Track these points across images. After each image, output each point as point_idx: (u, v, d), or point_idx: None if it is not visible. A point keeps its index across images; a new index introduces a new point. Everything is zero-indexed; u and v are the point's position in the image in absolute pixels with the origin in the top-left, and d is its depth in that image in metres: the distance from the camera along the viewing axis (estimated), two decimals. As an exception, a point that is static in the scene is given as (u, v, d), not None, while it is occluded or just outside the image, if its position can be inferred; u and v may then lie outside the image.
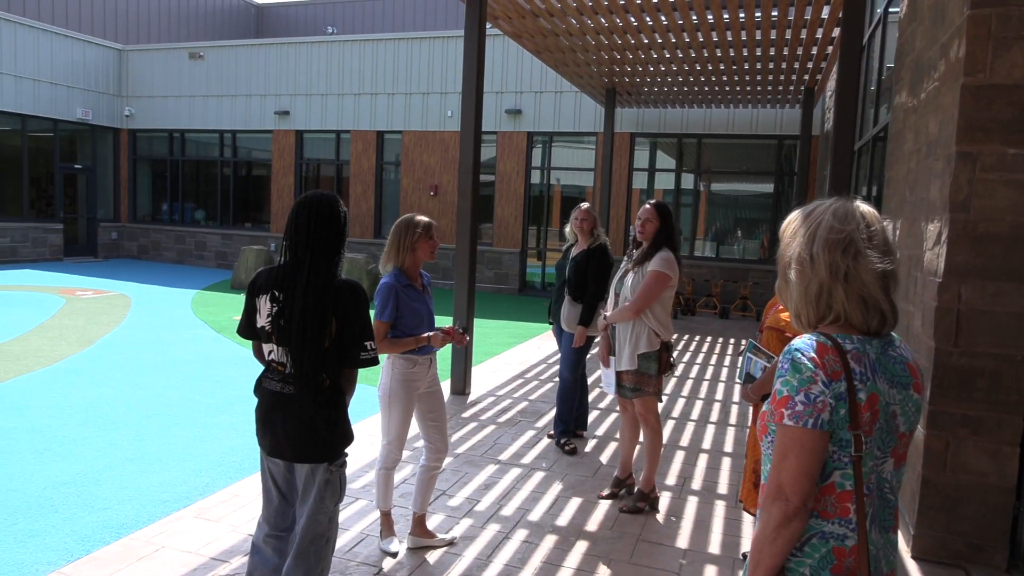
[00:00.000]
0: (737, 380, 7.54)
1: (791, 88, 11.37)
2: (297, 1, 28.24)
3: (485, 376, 7.36)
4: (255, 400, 2.57)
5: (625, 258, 4.31)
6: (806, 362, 1.37)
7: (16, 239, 16.48)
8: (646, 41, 9.11)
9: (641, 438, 4.28)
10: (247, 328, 2.56)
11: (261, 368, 2.60)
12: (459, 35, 15.33)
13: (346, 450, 2.58)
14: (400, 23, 25.67)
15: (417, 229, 3.43)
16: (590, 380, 6.23)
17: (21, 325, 8.97)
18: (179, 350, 8.06)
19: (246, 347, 8.34)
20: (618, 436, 5.13)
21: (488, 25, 7.69)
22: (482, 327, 10.21)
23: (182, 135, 18.53)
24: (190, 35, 25.33)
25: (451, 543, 3.67)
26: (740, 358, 3.88)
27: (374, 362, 2.52)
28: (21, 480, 4.27)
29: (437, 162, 15.67)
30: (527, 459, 4.97)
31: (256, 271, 2.56)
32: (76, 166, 18.21)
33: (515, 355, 8.63)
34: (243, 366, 7.42)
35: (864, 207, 1.48)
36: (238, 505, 3.99)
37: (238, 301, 12.16)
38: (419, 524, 3.62)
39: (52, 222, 17.37)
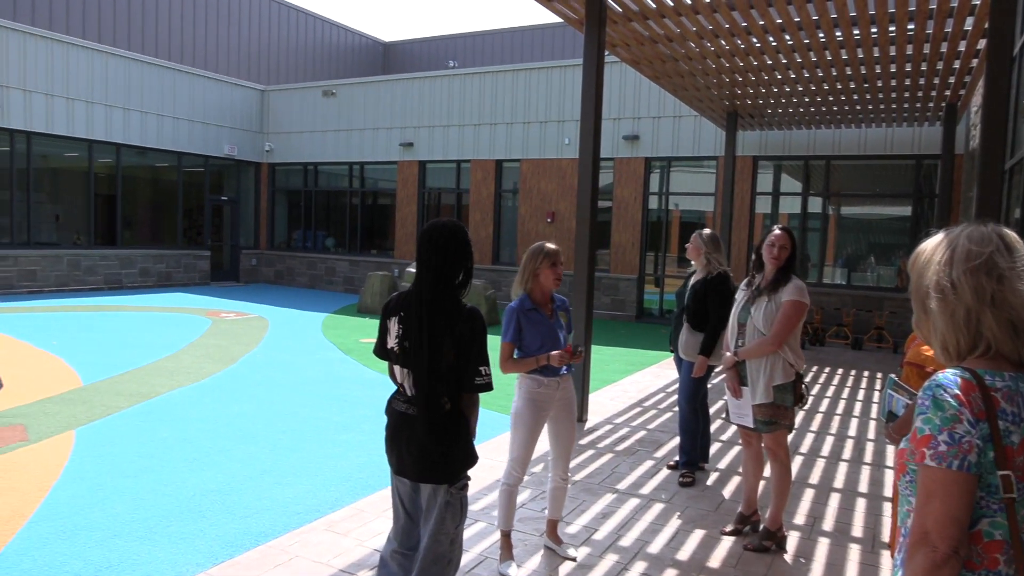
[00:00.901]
0: (878, 417, 7.08)
1: (930, 104, 10.68)
2: (421, 38, 29.58)
3: (602, 403, 7.31)
4: (381, 419, 2.70)
5: (743, 285, 4.16)
6: (949, 399, 1.29)
7: (171, 265, 18.07)
8: (770, 62, 8.86)
9: (767, 473, 4.10)
10: (381, 349, 2.70)
11: (389, 389, 2.73)
12: (576, 64, 15.52)
13: (468, 472, 2.64)
14: (519, 55, 26.31)
15: (540, 256, 3.56)
16: (711, 410, 6.04)
17: (174, 344, 9.80)
18: (310, 370, 8.53)
19: (372, 368, 8.71)
20: (741, 470, 4.94)
21: (606, 52, 7.75)
22: (599, 354, 10.16)
23: (315, 168, 19.75)
24: (324, 74, 27.07)
25: (573, 560, 3.75)
26: (880, 395, 3.67)
27: (488, 387, 2.58)
28: (175, 486, 4.66)
29: (554, 189, 15.84)
30: (646, 489, 4.89)
31: (391, 294, 2.70)
32: (222, 198, 19.82)
33: (632, 383, 8.52)
34: (368, 386, 7.75)
35: (1002, 229, 1.39)
36: (364, 520, 4.16)
37: (364, 324, 12.74)
38: (550, 528, 3.83)
39: (201, 249, 18.94)
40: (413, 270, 14.12)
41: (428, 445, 2.53)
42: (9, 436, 5.50)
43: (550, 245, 3.62)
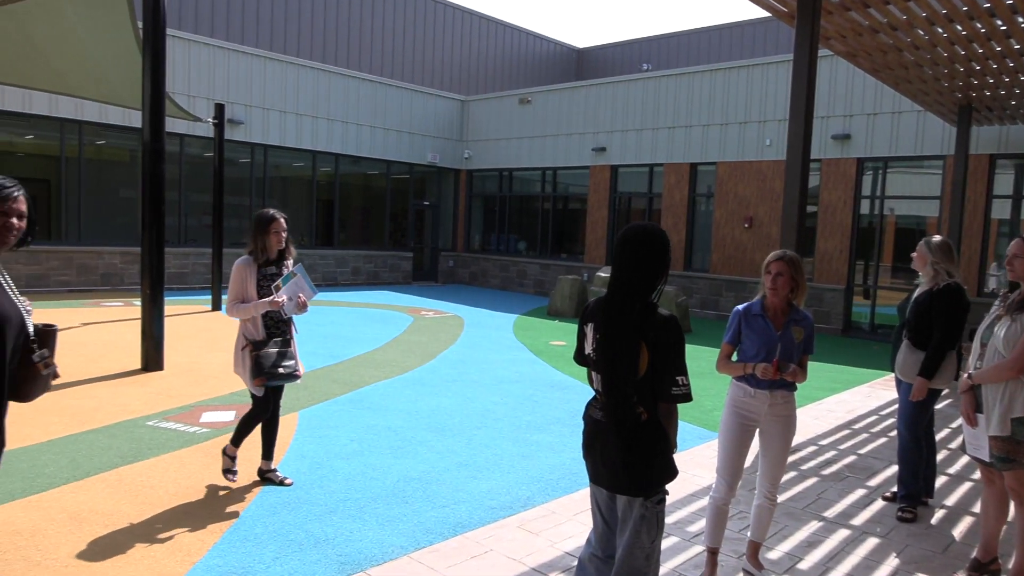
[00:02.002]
0: None
1: None
2: (614, 42, 29.55)
3: (805, 423, 6.81)
4: (571, 422, 2.70)
5: (997, 302, 3.66)
6: None
7: (379, 265, 19.57)
8: (1017, 47, 7.77)
9: (1011, 517, 3.58)
10: (580, 354, 2.69)
11: (579, 393, 2.71)
12: (779, 60, 14.67)
13: (666, 487, 2.54)
14: (715, 54, 25.40)
15: (769, 262, 3.51)
16: (938, 437, 5.40)
17: (381, 338, 10.57)
18: (503, 369, 8.80)
19: (562, 371, 8.81)
20: (977, 509, 4.36)
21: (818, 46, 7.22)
22: (799, 368, 9.48)
23: (510, 173, 20.42)
24: (520, 82, 27.94)
25: None
26: None
27: (686, 398, 2.46)
28: (380, 471, 5.00)
29: (752, 193, 15.09)
30: (857, 520, 4.47)
31: (586, 299, 2.68)
32: (425, 203, 21.14)
33: (839, 402, 7.86)
34: (558, 389, 7.84)
35: None
36: (556, 522, 4.20)
37: (553, 327, 12.93)
38: (751, 550, 3.62)
39: (404, 251, 20.32)
40: (603, 274, 14.16)
41: (621, 456, 2.46)
42: (246, 413, 6.21)
43: (789, 254, 3.47)
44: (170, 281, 14.09)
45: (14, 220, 2.42)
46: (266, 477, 4.67)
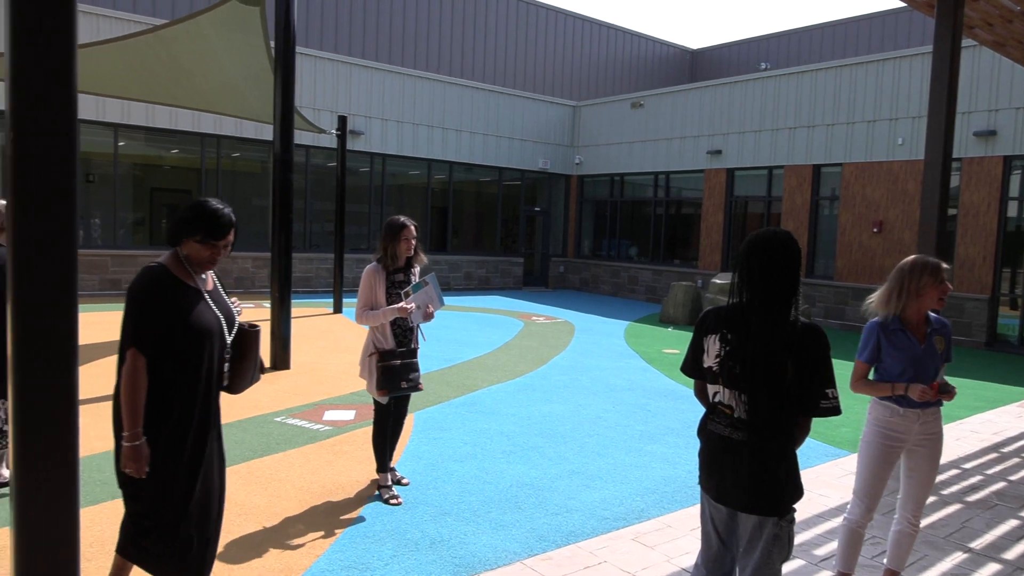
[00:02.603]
0: None
1: None
2: (730, 42, 28.65)
3: (945, 443, 6.28)
4: (685, 433, 2.61)
5: None
6: None
7: (490, 270, 19.87)
8: None
9: None
10: (692, 366, 2.58)
11: (694, 403, 2.60)
12: (913, 54, 13.72)
13: (795, 505, 2.44)
14: (840, 50, 24.10)
15: (924, 274, 3.15)
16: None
17: (493, 342, 10.70)
18: (614, 376, 8.69)
19: (676, 380, 8.59)
20: None
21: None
22: (937, 384, 8.80)
23: (621, 178, 20.20)
24: (631, 86, 27.62)
25: None
26: None
27: (835, 411, 2.35)
28: (494, 475, 5.04)
29: (882, 195, 14.17)
30: (1010, 554, 4.07)
31: (705, 310, 2.57)
32: (535, 209, 21.27)
33: (984, 422, 7.22)
34: (672, 398, 7.65)
35: None
36: (672, 536, 4.08)
37: (666, 335, 12.65)
38: None
39: (515, 256, 20.53)
40: (719, 280, 13.72)
41: (760, 473, 2.36)
42: (369, 414, 6.44)
43: (930, 259, 3.18)
44: (295, 285, 14.88)
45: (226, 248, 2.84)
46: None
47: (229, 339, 2.88)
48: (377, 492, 4.58)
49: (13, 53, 1.95)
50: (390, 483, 4.57)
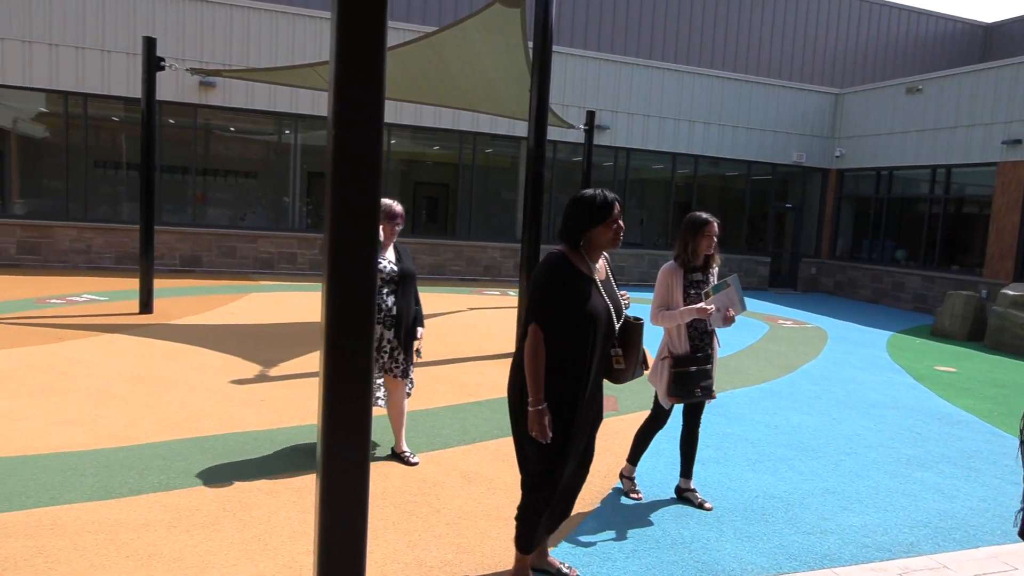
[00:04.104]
0: None
1: None
2: (1041, 12, 24.37)
3: None
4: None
5: None
6: None
7: (734, 269, 19.00)
8: None
9: None
10: None
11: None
12: None
13: None
14: None
15: None
16: None
17: (735, 344, 10.23)
18: (873, 392, 7.87)
19: (953, 402, 7.57)
20: None
21: None
22: None
23: (889, 172, 18.18)
24: (907, 70, 24.70)
25: None
26: None
27: None
28: (737, 483, 4.82)
29: None
30: None
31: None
32: (787, 205, 19.92)
33: None
34: (948, 423, 6.73)
35: None
36: (949, 578, 3.60)
37: (940, 350, 11.19)
38: None
39: (761, 255, 19.42)
40: (1012, 292, 11.77)
41: None
42: (607, 405, 6.50)
43: None
44: (538, 275, 15.48)
45: (621, 224, 3.13)
46: (684, 496, 4.44)
47: (616, 327, 3.17)
48: (619, 483, 4.60)
49: (338, 67, 2.22)
50: (633, 476, 4.56)
